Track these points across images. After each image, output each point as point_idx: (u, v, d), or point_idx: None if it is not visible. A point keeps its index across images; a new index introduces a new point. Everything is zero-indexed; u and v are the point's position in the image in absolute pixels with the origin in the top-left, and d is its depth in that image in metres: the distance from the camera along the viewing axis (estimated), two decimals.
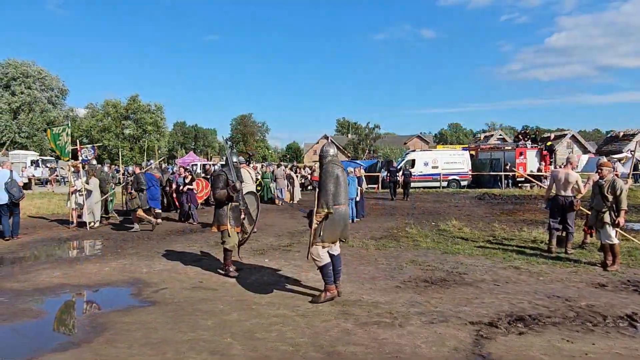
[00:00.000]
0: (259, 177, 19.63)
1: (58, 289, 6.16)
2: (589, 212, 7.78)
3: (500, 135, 61.57)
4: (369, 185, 26.04)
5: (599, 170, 7.22)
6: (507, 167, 24.75)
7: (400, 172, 21.48)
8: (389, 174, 21.26)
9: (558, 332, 4.43)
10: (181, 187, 13.14)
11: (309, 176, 25.35)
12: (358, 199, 12.75)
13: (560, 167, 15.61)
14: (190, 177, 13.59)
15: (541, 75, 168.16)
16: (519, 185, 25.66)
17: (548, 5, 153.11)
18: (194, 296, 5.72)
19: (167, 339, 4.32)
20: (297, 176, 19.83)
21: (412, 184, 22.92)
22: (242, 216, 7.01)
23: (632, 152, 21.42)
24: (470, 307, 5.18)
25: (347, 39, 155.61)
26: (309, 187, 24.52)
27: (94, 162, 13.19)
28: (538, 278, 6.46)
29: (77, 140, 13.00)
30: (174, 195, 14.18)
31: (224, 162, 7.10)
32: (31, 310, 5.29)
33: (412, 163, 25.95)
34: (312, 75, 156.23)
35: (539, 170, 25.02)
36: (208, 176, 16.27)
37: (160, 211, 12.58)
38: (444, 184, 25.89)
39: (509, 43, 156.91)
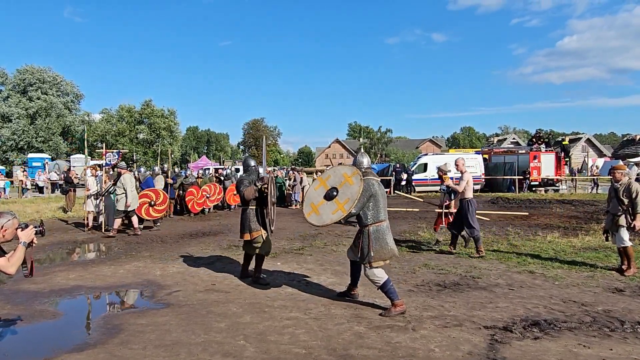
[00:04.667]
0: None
1: (74, 290, 6.25)
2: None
3: (514, 138, 61.10)
4: None
5: (613, 174, 7.11)
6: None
7: (405, 173, 24.95)
8: (394, 173, 25.09)
9: (574, 337, 4.37)
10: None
11: None
12: None
13: None
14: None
15: (554, 78, 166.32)
16: (533, 189, 25.37)
17: (559, 9, 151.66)
18: (207, 299, 5.76)
19: (180, 340, 4.35)
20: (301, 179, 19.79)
21: (425, 188, 25.33)
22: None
23: None
24: (484, 312, 5.14)
25: (359, 43, 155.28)
26: None
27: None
28: (553, 282, 6.37)
29: (104, 145, 13.11)
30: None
31: (241, 168, 6.93)
32: (48, 312, 5.38)
33: (425, 167, 25.82)
34: (324, 79, 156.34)
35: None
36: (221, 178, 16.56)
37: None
38: None
39: (521, 46, 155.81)
